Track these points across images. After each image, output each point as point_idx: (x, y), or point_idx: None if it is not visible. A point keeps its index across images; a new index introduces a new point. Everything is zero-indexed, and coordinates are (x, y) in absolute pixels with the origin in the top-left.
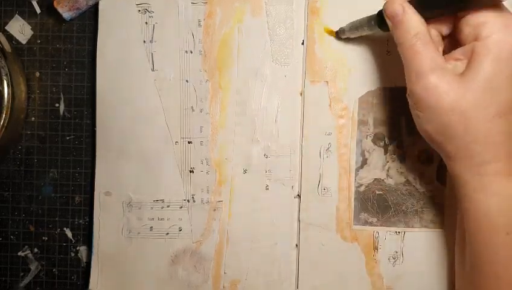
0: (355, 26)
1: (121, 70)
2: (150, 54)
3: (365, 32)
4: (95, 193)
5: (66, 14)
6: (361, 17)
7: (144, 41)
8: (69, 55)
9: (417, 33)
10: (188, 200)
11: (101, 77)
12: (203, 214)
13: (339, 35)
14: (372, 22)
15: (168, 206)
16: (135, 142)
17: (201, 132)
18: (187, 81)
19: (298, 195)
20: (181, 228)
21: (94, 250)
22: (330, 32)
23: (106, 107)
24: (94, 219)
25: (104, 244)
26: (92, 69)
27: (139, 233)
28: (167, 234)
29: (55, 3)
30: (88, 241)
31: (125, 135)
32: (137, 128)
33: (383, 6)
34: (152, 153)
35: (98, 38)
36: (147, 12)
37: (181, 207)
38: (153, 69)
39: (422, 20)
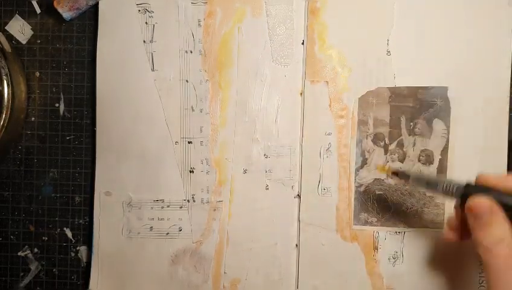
0: (427, 182)
1: (121, 70)
2: (150, 54)
3: (436, 193)
4: (95, 193)
5: (66, 14)
6: (439, 178)
7: (144, 41)
8: (69, 55)
9: (502, 240)
10: (188, 200)
11: (101, 77)
12: (203, 214)
13: (398, 176)
14: (453, 192)
15: (168, 206)
16: (135, 142)
17: (201, 131)
18: (187, 81)
19: (298, 195)
20: (181, 228)
21: (94, 250)
22: (382, 170)
23: (106, 107)
24: (94, 219)
25: (104, 244)
26: (92, 69)
27: (139, 233)
28: (167, 234)
29: (55, 3)
30: (88, 241)
31: (125, 135)
32: (138, 129)
33: (468, 201)
34: (152, 153)
35: (98, 38)
36: (147, 12)
37: (181, 207)
38: (153, 69)
39: (509, 225)
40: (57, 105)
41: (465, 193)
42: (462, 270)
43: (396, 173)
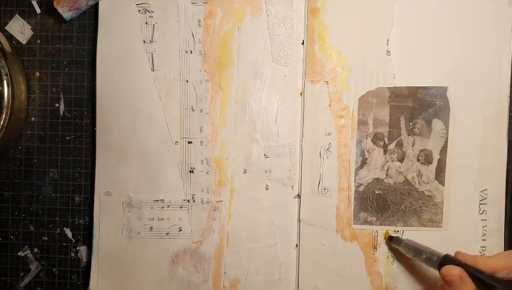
0: (414, 250)
1: (121, 70)
2: (150, 54)
3: (420, 260)
4: (95, 193)
5: (66, 14)
6: (426, 247)
7: (144, 41)
8: (69, 55)
9: None
10: (188, 200)
11: (101, 77)
12: (203, 214)
13: (391, 242)
14: (434, 260)
15: (168, 206)
16: (135, 142)
17: (201, 131)
18: (187, 81)
19: (298, 195)
20: (181, 228)
21: (94, 250)
22: (386, 235)
23: (106, 107)
24: (94, 219)
25: (104, 244)
26: (92, 69)
27: (139, 233)
28: (167, 234)
29: (55, 3)
30: (88, 241)
31: (125, 135)
32: (137, 128)
33: (442, 269)
34: (152, 153)
35: (98, 38)
36: (147, 12)
37: (181, 207)
38: (152, 69)
39: None
40: (57, 105)
41: (442, 263)
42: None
43: (391, 238)
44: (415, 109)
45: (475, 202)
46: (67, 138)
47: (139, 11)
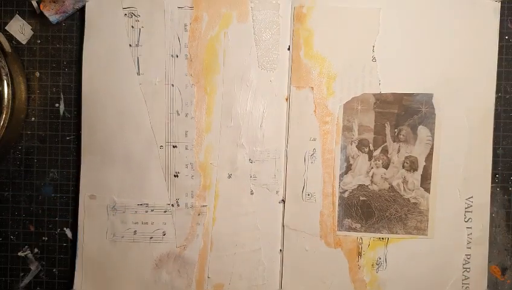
0: None
1: (107, 74)
2: (136, 58)
3: None
4: (80, 195)
5: (53, 17)
6: None
7: (130, 45)
8: (69, 55)
9: None
10: (172, 205)
11: (87, 80)
12: (187, 218)
13: None
14: None
15: (152, 210)
16: (120, 145)
17: (186, 136)
18: (173, 85)
19: (283, 200)
20: (165, 232)
21: (78, 253)
22: None
23: (91, 110)
24: (78, 222)
25: (88, 247)
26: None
27: (123, 237)
28: (151, 238)
29: (41, 7)
30: (72, 245)
31: (110, 138)
32: (123, 132)
33: None
34: (137, 157)
35: (84, 41)
36: (133, 16)
37: (165, 211)
38: (138, 73)
39: None
40: (57, 105)
41: None
42: (446, 277)
43: None
44: (401, 115)
45: (460, 210)
46: (67, 138)
47: (126, 14)
